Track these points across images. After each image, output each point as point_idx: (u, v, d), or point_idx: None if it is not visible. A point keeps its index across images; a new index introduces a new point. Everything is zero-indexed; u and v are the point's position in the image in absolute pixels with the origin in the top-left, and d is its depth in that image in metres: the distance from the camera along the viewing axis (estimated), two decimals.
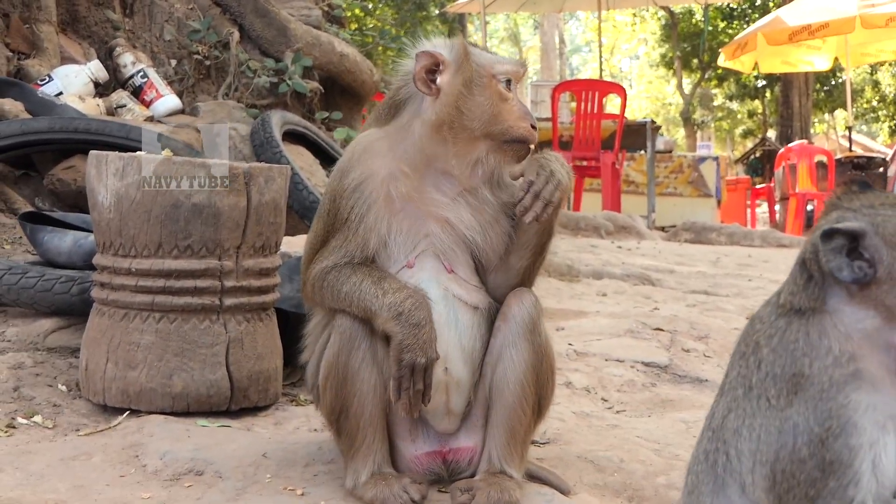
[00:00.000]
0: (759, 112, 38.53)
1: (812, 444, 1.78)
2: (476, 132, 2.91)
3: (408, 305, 2.80)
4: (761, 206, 21.83)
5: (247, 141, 7.49)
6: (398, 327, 2.79)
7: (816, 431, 1.77)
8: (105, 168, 3.71)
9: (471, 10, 24.30)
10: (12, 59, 7.18)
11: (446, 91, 2.90)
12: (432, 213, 2.96)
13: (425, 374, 2.81)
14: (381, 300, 2.82)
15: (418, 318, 2.80)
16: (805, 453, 1.78)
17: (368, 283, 2.86)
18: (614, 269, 8.31)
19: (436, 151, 2.94)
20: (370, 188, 2.93)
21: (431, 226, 2.96)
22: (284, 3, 9.16)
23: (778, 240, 12.93)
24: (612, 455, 3.39)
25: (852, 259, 1.85)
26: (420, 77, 2.89)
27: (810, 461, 1.77)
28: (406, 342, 2.79)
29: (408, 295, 2.83)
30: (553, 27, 45.51)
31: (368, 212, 2.92)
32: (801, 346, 1.86)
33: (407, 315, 2.79)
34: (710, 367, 5.02)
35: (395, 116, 3.00)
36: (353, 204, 2.93)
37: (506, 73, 2.96)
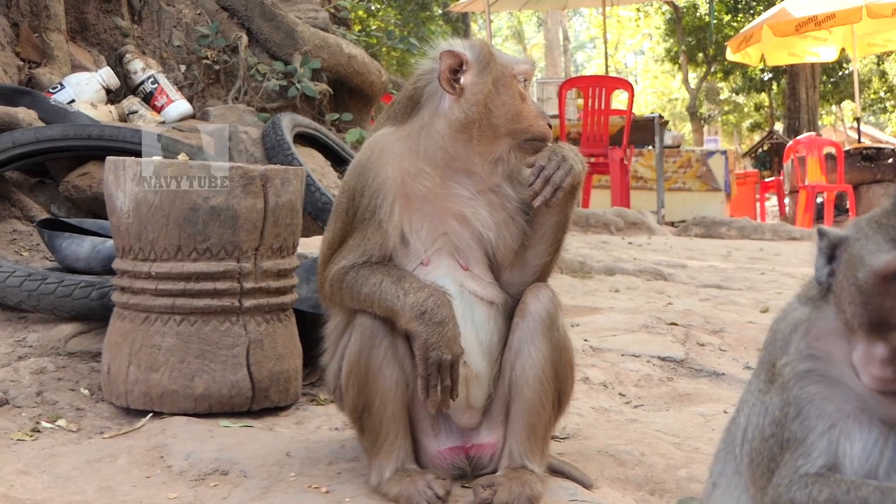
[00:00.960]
0: (765, 105, 38.46)
1: (774, 425, 1.93)
2: (500, 130, 2.96)
3: (430, 304, 2.83)
4: (770, 199, 21.82)
5: (258, 144, 7.53)
6: (422, 326, 2.82)
7: (777, 415, 1.93)
8: (123, 173, 3.74)
9: (474, 9, 24.29)
10: (23, 69, 7.21)
11: (471, 90, 2.93)
12: (450, 211, 2.99)
13: (452, 370, 2.84)
14: (402, 300, 2.85)
15: (441, 315, 2.83)
16: (768, 432, 1.94)
17: (388, 283, 2.89)
18: (626, 264, 8.32)
19: (458, 150, 2.97)
20: (389, 186, 2.95)
21: (449, 223, 2.99)
22: (291, 6, 9.19)
23: (789, 233, 12.93)
24: (632, 449, 3.41)
25: (830, 263, 1.97)
26: (445, 76, 2.93)
27: (771, 439, 1.93)
28: (431, 340, 2.82)
29: (429, 293, 2.85)
30: (557, 24, 45.48)
31: (388, 210, 2.95)
32: (781, 337, 1.99)
33: (430, 314, 2.82)
34: (725, 360, 5.04)
35: (413, 115, 3.02)
36: (372, 202, 2.96)
37: (524, 72, 3.01)
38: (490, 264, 3.08)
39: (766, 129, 35.25)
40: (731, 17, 34.13)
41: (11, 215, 5.78)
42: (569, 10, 37.47)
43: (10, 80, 6.85)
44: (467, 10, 24.50)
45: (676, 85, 46.00)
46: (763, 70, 32.37)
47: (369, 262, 2.96)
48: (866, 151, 17.78)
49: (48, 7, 7.37)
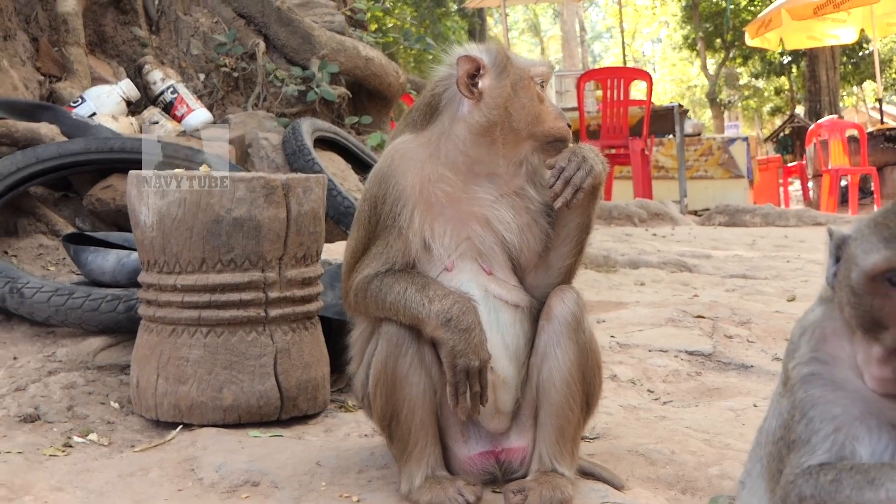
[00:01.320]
0: (786, 89, 38.27)
1: (783, 427, 1.96)
2: (522, 133, 2.98)
3: (456, 311, 2.84)
4: (794, 184, 21.71)
5: (279, 150, 7.56)
6: (448, 333, 2.83)
7: (786, 417, 1.95)
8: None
9: (490, 4, 24.29)
10: (44, 83, 7.27)
11: (490, 94, 2.95)
12: (473, 215, 2.99)
13: (480, 376, 2.85)
14: (428, 308, 2.85)
15: (467, 322, 2.84)
16: (778, 435, 1.97)
17: (413, 292, 2.89)
18: (650, 257, 8.30)
19: (480, 153, 2.98)
20: (409, 193, 2.95)
21: (472, 228, 2.99)
22: (307, 10, 9.21)
23: (814, 218, 12.85)
24: (662, 447, 3.40)
25: (837, 263, 1.98)
26: (463, 81, 2.94)
27: (780, 441, 1.96)
28: (458, 347, 2.82)
29: (455, 300, 2.86)
30: (573, 15, 45.38)
31: (408, 216, 2.95)
32: (793, 339, 2.02)
33: (456, 321, 2.83)
34: (754, 352, 5.02)
35: (432, 122, 3.03)
36: (393, 209, 2.96)
37: (540, 74, 3.02)
38: (514, 268, 3.08)
39: (787, 112, 35.07)
40: (748, 2, 33.98)
41: (37, 230, 5.83)
42: (584, 0, 37.40)
43: (32, 95, 6.90)
44: (483, 5, 24.51)
45: (695, 72, 45.84)
46: (782, 53, 32.19)
47: (393, 269, 2.96)
48: (889, 132, 17.68)
49: (67, 21, 7.41)
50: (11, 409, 3.88)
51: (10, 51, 7.17)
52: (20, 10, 7.58)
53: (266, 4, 8.77)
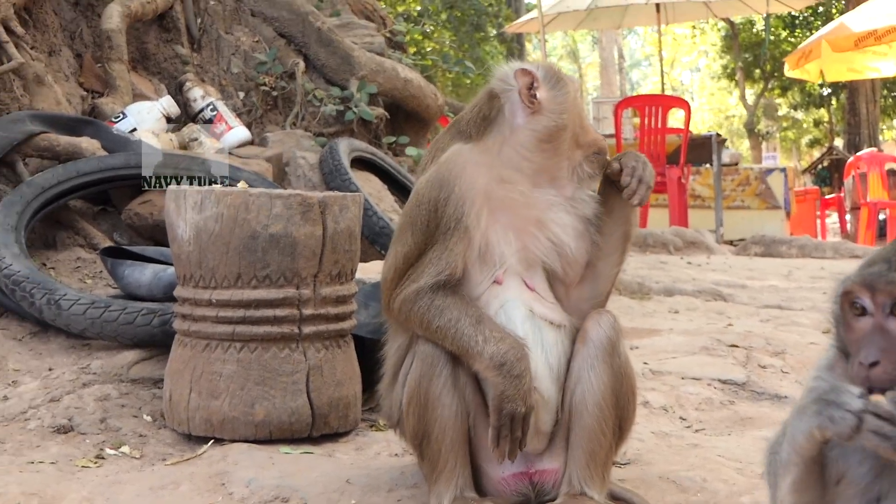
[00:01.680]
0: (825, 121, 38.06)
1: (781, 444, 2.00)
2: (575, 142, 3.09)
3: (511, 356, 2.84)
4: (831, 216, 21.55)
5: (316, 169, 7.59)
6: (500, 378, 2.83)
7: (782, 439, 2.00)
8: (183, 202, 3.79)
9: (529, 30, 24.33)
10: (86, 98, 7.34)
11: (549, 104, 3.04)
12: (534, 220, 3.03)
13: (524, 423, 2.85)
14: (482, 347, 2.85)
15: (520, 369, 2.84)
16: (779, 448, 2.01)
17: (466, 325, 2.88)
18: (685, 285, 8.26)
19: (544, 160, 3.05)
20: (477, 195, 2.97)
21: (530, 233, 3.02)
22: (347, 31, 9.27)
23: (851, 251, 12.74)
24: (693, 475, 3.38)
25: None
26: (524, 92, 3.02)
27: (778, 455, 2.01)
28: (508, 393, 2.83)
29: (510, 346, 2.86)
30: (612, 43, 45.39)
31: (475, 217, 2.95)
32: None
33: (509, 367, 2.83)
34: (788, 383, 4.98)
35: (488, 131, 3.07)
36: (458, 210, 2.94)
37: (576, 90, 3.09)
38: (555, 284, 3.10)
39: (826, 145, 34.86)
40: (788, 33, 33.90)
41: (75, 243, 5.88)
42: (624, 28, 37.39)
43: (74, 109, 6.97)
44: (522, 30, 24.54)
45: (734, 102, 45.69)
46: (822, 85, 32.04)
47: (444, 286, 2.93)
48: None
49: (110, 38, 7.49)
50: (46, 419, 3.91)
51: (55, 66, 7.26)
52: (65, 27, 7.68)
53: (307, 24, 8.83)
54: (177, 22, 8.47)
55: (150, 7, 8.02)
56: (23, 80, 6.58)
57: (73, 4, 7.84)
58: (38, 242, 5.79)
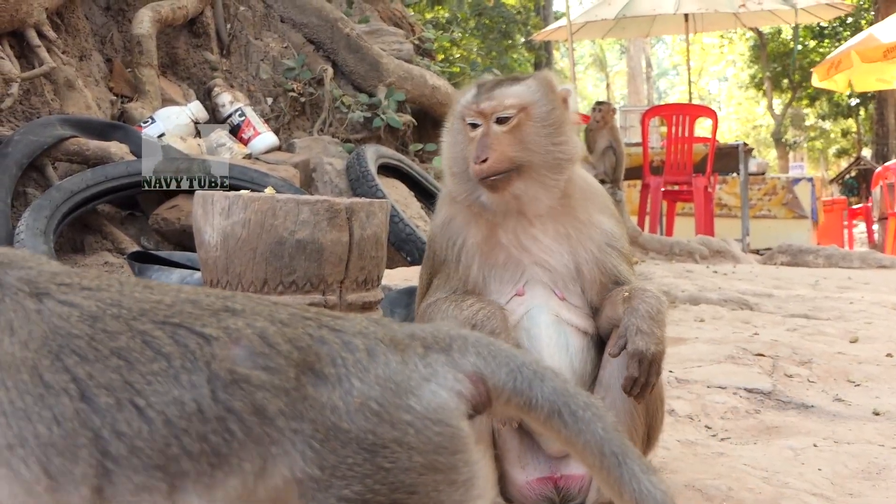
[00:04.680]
0: (853, 131, 37.87)
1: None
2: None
3: (480, 317, 2.84)
4: (858, 226, 21.43)
5: (343, 175, 7.61)
6: None
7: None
8: (211, 207, 3.80)
9: (557, 38, 24.32)
10: (116, 103, 7.41)
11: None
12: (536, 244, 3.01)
13: None
14: (458, 319, 2.88)
15: (491, 326, 2.82)
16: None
17: (452, 307, 2.93)
18: (711, 294, 8.23)
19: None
20: (459, 227, 3.00)
21: (540, 255, 3.01)
22: (376, 38, 9.30)
23: (878, 261, 12.65)
24: (719, 484, 3.36)
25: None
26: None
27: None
28: None
29: (480, 307, 2.87)
30: (640, 52, 45.32)
31: (461, 249, 2.99)
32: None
33: (480, 326, 2.82)
34: (814, 392, 4.95)
35: None
36: (446, 244, 3.02)
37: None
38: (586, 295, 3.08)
39: (854, 155, 34.69)
40: (817, 43, 33.75)
41: (103, 248, 5.92)
42: (651, 37, 37.35)
43: (104, 114, 7.03)
44: (550, 38, 24.54)
45: (761, 111, 45.54)
46: (850, 95, 31.89)
47: (451, 295, 2.99)
48: None
49: (141, 43, 7.55)
50: None
51: (85, 70, 7.32)
52: (96, 32, 7.75)
53: (336, 31, 8.87)
54: (206, 27, 8.53)
55: (180, 13, 8.09)
56: (53, 84, 6.64)
57: (105, 9, 7.91)
58: (66, 247, 5.83)
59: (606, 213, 3.11)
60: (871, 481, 3.51)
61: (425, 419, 1.59)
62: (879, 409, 4.55)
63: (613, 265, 3.05)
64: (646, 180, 14.14)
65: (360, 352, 1.65)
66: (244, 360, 1.63)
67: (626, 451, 1.70)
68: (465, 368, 1.68)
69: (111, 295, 1.71)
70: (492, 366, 1.70)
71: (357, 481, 1.56)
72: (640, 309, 2.83)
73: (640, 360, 2.79)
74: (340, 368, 1.63)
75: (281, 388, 1.61)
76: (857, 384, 5.13)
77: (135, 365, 1.62)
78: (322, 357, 1.65)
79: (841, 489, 3.41)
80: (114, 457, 1.60)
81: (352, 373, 1.63)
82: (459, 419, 1.63)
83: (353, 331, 1.70)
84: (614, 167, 12.90)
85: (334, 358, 1.65)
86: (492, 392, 1.69)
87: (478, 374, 1.68)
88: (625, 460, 1.70)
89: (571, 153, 2.99)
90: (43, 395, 1.61)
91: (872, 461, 3.70)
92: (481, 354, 1.71)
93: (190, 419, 1.60)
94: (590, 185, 3.15)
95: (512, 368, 1.72)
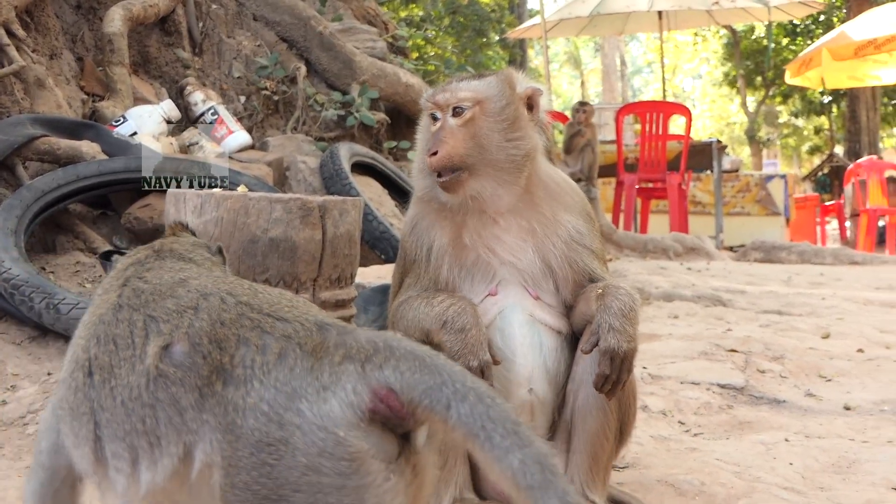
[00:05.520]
0: (825, 128, 38.10)
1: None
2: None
3: (451, 313, 2.83)
4: (831, 223, 21.57)
5: (316, 173, 7.60)
6: (446, 336, 2.81)
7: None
8: (183, 206, 3.79)
9: (531, 35, 24.37)
10: (87, 102, 7.36)
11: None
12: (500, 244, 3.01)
13: (483, 378, 2.77)
14: (429, 315, 2.87)
15: (462, 322, 2.82)
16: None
17: (423, 305, 2.92)
18: (685, 290, 8.26)
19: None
20: (427, 227, 3.02)
21: (507, 254, 3.00)
22: (349, 36, 9.29)
23: (850, 257, 12.75)
24: (692, 478, 3.38)
25: None
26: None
27: None
28: (454, 348, 2.79)
29: (451, 304, 2.86)
30: (614, 49, 45.44)
31: (430, 250, 2.99)
32: None
33: (451, 322, 2.82)
34: (786, 387, 4.98)
35: None
36: (416, 244, 3.03)
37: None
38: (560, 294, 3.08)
39: (826, 152, 34.90)
40: (790, 41, 33.92)
41: (75, 247, 5.88)
42: (626, 35, 37.46)
43: (75, 113, 6.99)
44: (524, 36, 24.59)
45: (734, 109, 45.77)
46: (822, 93, 32.08)
47: (430, 290, 2.99)
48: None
49: (112, 41, 7.51)
50: None
51: (56, 69, 7.27)
52: (67, 30, 7.70)
53: (308, 29, 8.85)
54: (178, 26, 8.49)
55: (151, 11, 8.05)
56: (24, 83, 6.59)
57: (75, 7, 7.86)
58: (37, 246, 5.79)
59: (575, 211, 3.09)
60: (842, 475, 3.53)
61: (312, 424, 1.71)
62: (850, 404, 4.59)
63: (584, 262, 3.04)
64: (620, 178, 14.19)
65: (271, 355, 1.80)
66: (169, 357, 1.87)
67: (546, 485, 1.64)
68: (371, 381, 1.75)
69: (137, 286, 2.06)
70: (409, 381, 1.74)
71: (246, 472, 1.73)
72: (613, 306, 2.84)
73: (612, 358, 2.79)
74: (248, 370, 1.80)
75: (193, 384, 1.82)
76: (828, 379, 5.16)
77: (118, 350, 1.94)
78: (236, 358, 1.82)
79: (812, 483, 3.43)
80: (100, 425, 1.92)
81: (255, 375, 1.79)
82: (348, 429, 1.71)
83: (280, 334, 1.84)
84: (591, 165, 13.00)
85: (245, 360, 1.81)
86: (406, 406, 1.74)
87: (387, 387, 1.74)
88: (543, 495, 1.64)
89: (527, 149, 2.97)
90: (74, 368, 2.01)
91: (843, 455, 3.73)
92: (400, 369, 1.76)
93: (135, 402, 1.87)
94: (557, 183, 3.13)
95: (431, 386, 1.74)
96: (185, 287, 2.02)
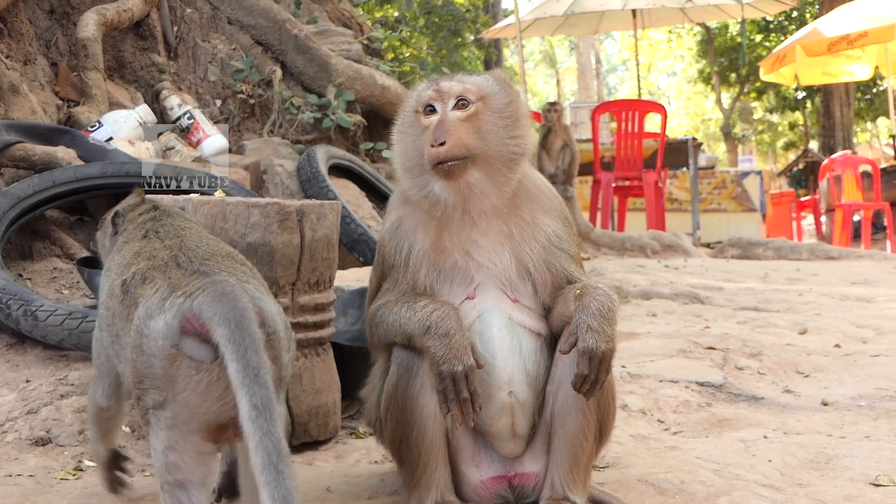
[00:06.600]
0: (800, 124, 38.31)
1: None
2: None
3: (435, 318, 2.83)
4: (807, 218, 21.69)
5: (293, 177, 7.59)
6: (430, 341, 2.82)
7: None
8: None
9: (506, 35, 24.42)
10: (62, 108, 7.33)
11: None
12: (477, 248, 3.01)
13: (468, 382, 2.79)
14: (412, 320, 2.87)
15: (446, 327, 2.82)
16: None
17: (405, 309, 2.92)
18: (663, 288, 8.30)
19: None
20: (407, 231, 3.01)
21: (484, 257, 3.01)
22: (325, 38, 9.28)
23: (826, 252, 12.84)
24: (672, 477, 3.40)
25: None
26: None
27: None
28: (439, 353, 2.80)
29: (434, 308, 2.86)
30: (589, 48, 45.57)
31: (408, 254, 3.00)
32: None
33: (435, 327, 2.82)
34: (764, 384, 5.01)
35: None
36: (395, 248, 3.02)
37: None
38: (538, 296, 3.08)
39: (801, 147, 35.08)
40: (763, 38, 34.10)
41: (52, 253, 5.86)
42: (600, 33, 37.53)
43: (50, 119, 6.95)
44: (499, 35, 24.63)
45: (710, 105, 45.94)
46: (797, 89, 32.25)
47: (407, 293, 3.00)
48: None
49: (86, 46, 7.48)
50: (23, 431, 3.89)
51: (30, 75, 7.24)
52: (41, 35, 7.66)
53: (284, 32, 8.84)
54: (153, 30, 8.46)
55: (125, 15, 8.02)
56: None
57: (49, 13, 7.82)
58: (14, 253, 5.76)
59: (553, 215, 3.10)
60: (820, 471, 3.56)
61: (150, 335, 2.42)
62: (828, 400, 4.62)
63: (562, 266, 3.05)
64: (597, 176, 14.23)
65: (155, 291, 2.48)
66: (102, 299, 2.82)
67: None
68: (186, 309, 2.39)
69: (150, 244, 2.79)
70: (214, 310, 2.35)
71: (129, 364, 2.49)
72: (591, 307, 2.85)
73: (591, 358, 2.81)
74: (140, 299, 2.51)
75: (113, 319, 2.66)
76: (806, 375, 5.20)
77: (116, 307, 2.65)
78: (139, 295, 2.53)
79: (791, 480, 3.45)
80: (112, 358, 2.77)
81: (140, 303, 2.49)
82: (168, 338, 2.39)
83: (165, 276, 2.52)
84: (570, 165, 13.05)
85: (141, 295, 2.52)
86: (206, 326, 2.35)
87: (194, 313, 2.37)
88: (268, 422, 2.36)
89: (525, 148, 3.00)
90: (104, 313, 2.76)
91: (821, 451, 3.75)
92: (205, 302, 2.38)
93: (108, 343, 2.74)
94: (537, 186, 3.14)
95: (217, 313, 2.36)
96: (179, 248, 2.72)
